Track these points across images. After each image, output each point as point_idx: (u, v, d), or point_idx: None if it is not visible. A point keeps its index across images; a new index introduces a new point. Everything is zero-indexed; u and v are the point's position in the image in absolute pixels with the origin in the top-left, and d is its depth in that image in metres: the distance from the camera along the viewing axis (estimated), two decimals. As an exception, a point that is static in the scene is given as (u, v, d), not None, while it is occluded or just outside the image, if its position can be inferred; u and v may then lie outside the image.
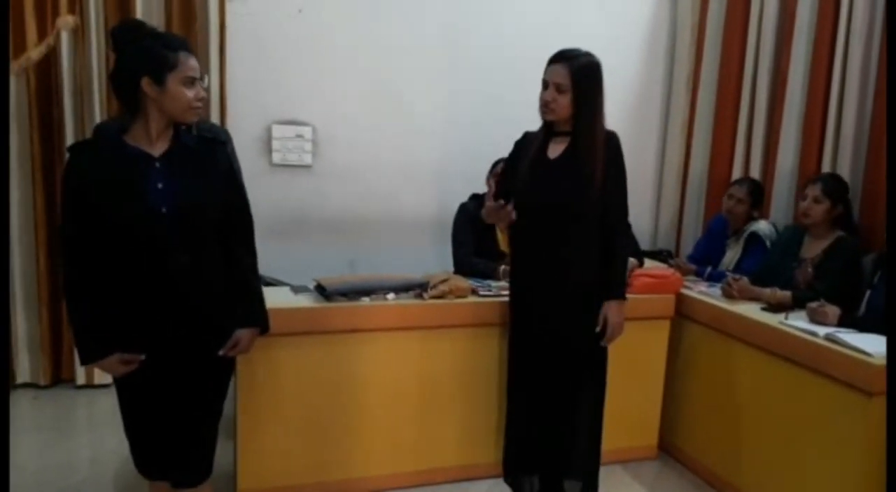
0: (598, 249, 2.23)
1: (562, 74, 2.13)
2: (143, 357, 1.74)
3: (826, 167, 3.16)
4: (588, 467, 2.40)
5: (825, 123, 3.20)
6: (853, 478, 2.27)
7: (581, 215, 2.21)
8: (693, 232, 4.08)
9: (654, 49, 4.33)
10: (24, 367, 3.56)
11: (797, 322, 2.52)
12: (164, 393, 1.77)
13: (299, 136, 3.79)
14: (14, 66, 3.34)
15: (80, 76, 3.41)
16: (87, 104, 3.40)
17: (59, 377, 3.60)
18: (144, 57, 1.66)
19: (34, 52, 3.35)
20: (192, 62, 1.72)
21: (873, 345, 2.25)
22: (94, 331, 1.71)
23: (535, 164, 2.24)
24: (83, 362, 1.74)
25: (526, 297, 2.34)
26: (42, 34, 3.36)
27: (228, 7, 3.58)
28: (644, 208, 4.48)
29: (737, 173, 3.68)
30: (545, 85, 2.18)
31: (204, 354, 1.78)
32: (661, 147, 4.42)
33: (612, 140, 2.21)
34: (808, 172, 3.22)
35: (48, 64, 3.39)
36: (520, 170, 2.28)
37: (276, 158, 3.78)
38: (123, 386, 1.80)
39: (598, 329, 2.24)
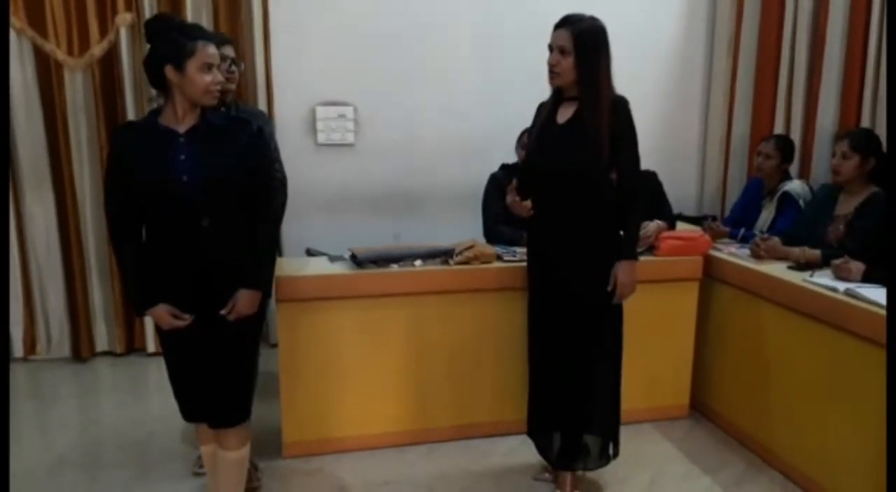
0: (609, 209, 2.29)
1: (564, 38, 2.20)
2: (189, 318, 1.95)
3: (865, 124, 3.09)
4: (608, 423, 2.48)
5: (863, 79, 3.12)
6: (873, 430, 2.27)
7: (588, 177, 2.27)
8: (737, 196, 4.02)
9: (694, 14, 4.27)
10: (101, 337, 3.92)
11: (820, 279, 2.52)
12: (196, 344, 1.98)
13: (342, 116, 3.97)
14: (80, 62, 3.65)
15: (139, 69, 3.68)
16: (146, 95, 3.67)
17: (132, 346, 3.95)
18: (167, 47, 1.86)
19: (97, 49, 3.65)
20: (210, 50, 1.89)
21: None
22: (141, 284, 1.95)
23: (544, 129, 2.32)
24: (137, 312, 1.99)
25: (540, 258, 2.43)
26: (103, 32, 3.65)
27: (271, -3, 3.78)
28: (689, 174, 4.46)
29: (777, 134, 3.62)
30: (550, 49, 2.25)
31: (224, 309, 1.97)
32: (704, 112, 4.38)
33: (619, 103, 2.25)
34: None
35: (110, 59, 3.69)
36: (532, 137, 2.37)
37: (321, 138, 3.97)
38: (165, 337, 2.03)
39: (609, 288, 2.31)
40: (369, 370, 2.80)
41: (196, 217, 1.89)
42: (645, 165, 3.32)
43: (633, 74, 4.07)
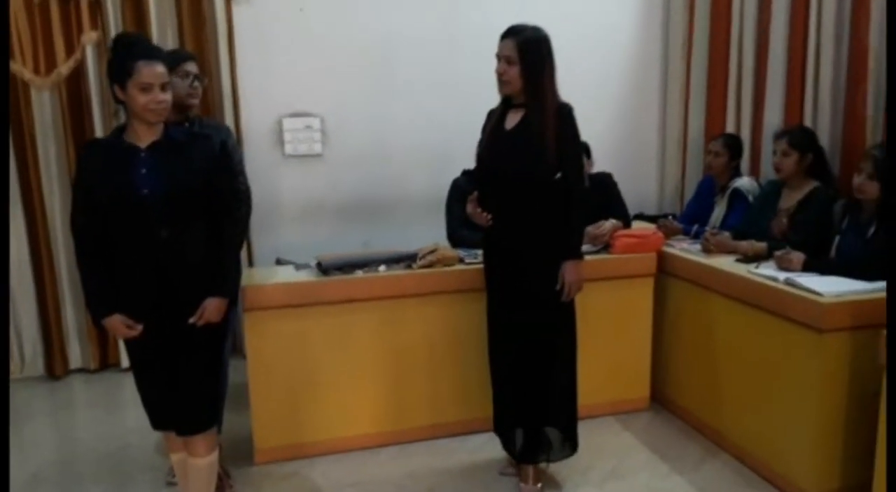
0: (557, 210, 2.39)
1: (510, 47, 2.32)
2: (141, 327, 2.03)
3: (808, 121, 3.23)
4: (565, 413, 2.58)
5: (804, 79, 3.27)
6: (813, 411, 2.40)
7: (536, 180, 2.38)
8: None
9: (649, 19, 4.41)
10: (75, 354, 3.95)
11: (764, 270, 2.64)
12: (161, 352, 2.05)
13: (308, 127, 4.05)
14: (47, 81, 3.70)
15: (106, 87, 3.70)
16: (111, 109, 3.72)
17: (106, 362, 3.99)
18: (113, 68, 1.98)
19: (64, 68, 3.70)
20: (156, 69, 1.96)
21: (826, 286, 2.37)
22: (100, 294, 2.03)
23: (493, 134, 2.44)
24: (94, 321, 2.08)
25: (495, 258, 2.54)
26: (70, 50, 3.71)
27: (235, 10, 3.85)
28: (649, 174, 4.59)
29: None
30: (497, 59, 2.35)
31: (187, 318, 2.04)
32: (662, 114, 4.51)
33: (563, 110, 2.37)
34: (793, 127, 3.29)
35: (77, 78, 3.74)
36: (482, 142, 2.48)
37: (289, 149, 4.04)
38: (131, 346, 2.10)
39: (557, 287, 2.41)
40: (338, 375, 2.88)
41: (156, 228, 1.97)
42: (606, 166, 3.50)
43: (594, 78, 4.28)
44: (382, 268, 2.89)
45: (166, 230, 1.97)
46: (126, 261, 2.00)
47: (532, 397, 2.52)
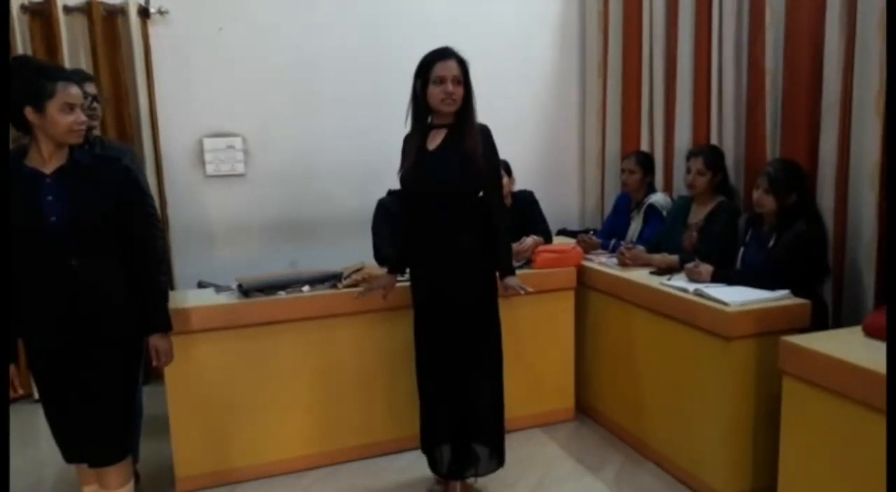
0: (482, 224, 2.48)
1: (456, 68, 2.39)
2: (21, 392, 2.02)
3: (714, 139, 3.41)
4: (493, 430, 2.62)
5: (709, 100, 3.45)
6: (724, 415, 2.51)
7: (464, 195, 2.46)
8: (614, 210, 4.31)
9: (566, 42, 4.58)
10: (-18, 386, 3.73)
11: (676, 282, 2.76)
12: (70, 382, 1.98)
13: (230, 146, 3.99)
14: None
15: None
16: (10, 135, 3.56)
17: (17, 394, 3.77)
18: (25, 88, 1.89)
19: (-34, 88, 3.53)
20: (72, 90, 1.92)
21: (732, 296, 2.50)
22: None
23: (418, 156, 2.48)
24: None
25: (422, 272, 2.58)
26: (-27, 70, 3.54)
27: (151, 30, 3.79)
28: (571, 191, 4.74)
29: (643, 151, 3.92)
30: (441, 80, 2.38)
31: (99, 348, 1.98)
32: (581, 134, 4.67)
33: (485, 129, 2.46)
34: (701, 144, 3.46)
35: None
36: (406, 164, 2.52)
37: (210, 169, 3.97)
38: (38, 376, 2.04)
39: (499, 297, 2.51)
40: (263, 398, 2.83)
41: (65, 257, 1.91)
42: (528, 184, 3.59)
43: (516, 100, 4.41)
44: (306, 288, 2.87)
45: (76, 259, 1.92)
46: (35, 291, 1.93)
47: (461, 413, 2.55)
